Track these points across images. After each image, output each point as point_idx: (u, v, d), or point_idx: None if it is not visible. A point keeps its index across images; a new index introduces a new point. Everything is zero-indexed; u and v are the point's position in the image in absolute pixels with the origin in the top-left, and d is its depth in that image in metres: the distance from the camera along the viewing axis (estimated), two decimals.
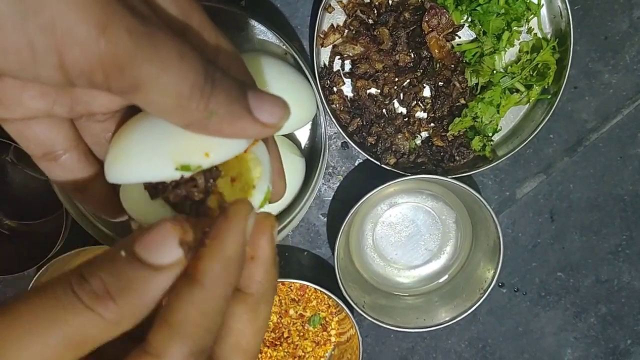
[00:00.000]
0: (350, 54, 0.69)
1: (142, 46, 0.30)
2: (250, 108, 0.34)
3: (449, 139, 0.71)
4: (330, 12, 0.69)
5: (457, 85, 0.68)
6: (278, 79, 0.64)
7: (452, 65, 0.69)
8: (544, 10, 0.69)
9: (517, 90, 0.70)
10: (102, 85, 0.31)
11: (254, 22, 0.64)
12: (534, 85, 0.69)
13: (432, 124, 0.72)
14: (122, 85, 0.31)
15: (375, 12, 0.69)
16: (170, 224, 0.30)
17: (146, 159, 0.36)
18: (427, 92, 0.72)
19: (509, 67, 0.69)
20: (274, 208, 0.70)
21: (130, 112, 0.41)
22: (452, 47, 0.69)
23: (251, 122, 0.34)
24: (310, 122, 0.71)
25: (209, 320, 0.31)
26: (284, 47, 0.62)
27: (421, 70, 0.69)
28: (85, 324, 0.28)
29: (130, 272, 0.29)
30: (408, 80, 0.70)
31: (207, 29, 0.37)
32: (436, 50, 0.68)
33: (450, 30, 0.67)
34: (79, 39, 0.29)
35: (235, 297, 0.33)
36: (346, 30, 0.69)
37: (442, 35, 0.67)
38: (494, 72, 0.68)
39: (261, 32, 0.66)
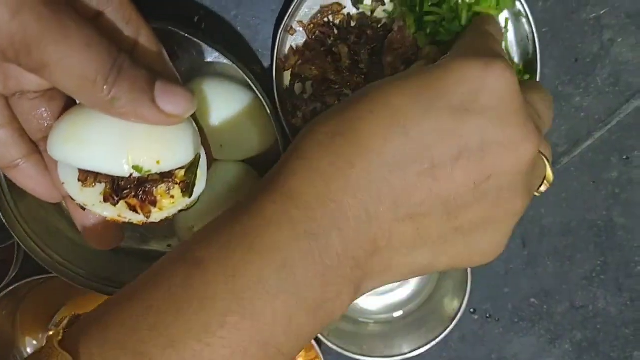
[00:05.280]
0: (309, 76, 0.67)
1: (51, 30, 0.33)
2: (155, 98, 0.37)
3: None
4: (292, 34, 0.68)
5: None
6: (235, 105, 0.63)
7: None
8: (511, 34, 0.68)
9: None
10: (14, 61, 0.35)
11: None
12: None
13: None
14: (31, 62, 0.34)
15: (335, 30, 0.67)
16: None
17: (104, 150, 0.39)
18: None
19: None
20: None
21: (64, 94, 0.44)
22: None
23: (154, 111, 0.38)
24: (272, 146, 0.69)
25: None
26: (240, 72, 0.60)
27: None
28: None
29: None
30: None
31: (128, 13, 0.40)
32: (389, 72, 0.66)
33: (410, 55, 0.66)
34: None
35: None
36: (306, 52, 0.67)
37: (399, 58, 0.65)
38: None
39: (220, 56, 0.65)
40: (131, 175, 0.40)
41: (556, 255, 0.77)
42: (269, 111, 0.60)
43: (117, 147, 0.39)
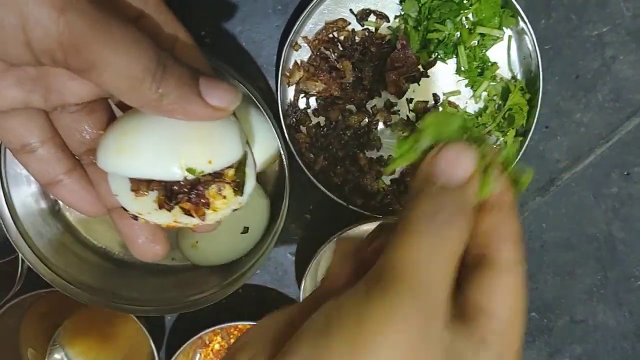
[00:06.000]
0: (313, 91, 0.67)
1: (98, 29, 0.33)
2: (201, 93, 0.37)
3: None
4: (297, 50, 0.68)
5: None
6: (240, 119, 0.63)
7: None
8: (514, 52, 0.68)
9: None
10: (62, 63, 0.34)
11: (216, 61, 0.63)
12: (509, 130, 0.67)
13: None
14: (79, 63, 0.34)
15: (340, 46, 0.68)
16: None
17: (156, 156, 0.39)
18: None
19: (478, 117, 0.68)
20: (245, 246, 0.69)
21: (104, 106, 0.44)
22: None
23: (201, 106, 0.37)
24: (277, 161, 0.70)
25: None
26: (244, 87, 0.61)
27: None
28: None
29: None
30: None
31: (164, 17, 0.40)
32: (392, 89, 0.67)
33: (412, 74, 0.66)
34: (41, 20, 0.32)
35: None
36: (310, 67, 0.68)
37: (402, 76, 0.66)
38: (467, 117, 0.68)
39: (225, 70, 0.65)
40: (185, 178, 0.40)
41: (556, 269, 0.78)
42: (272, 127, 0.61)
43: (168, 151, 0.39)
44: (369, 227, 0.73)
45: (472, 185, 0.30)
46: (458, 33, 0.66)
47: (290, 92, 0.69)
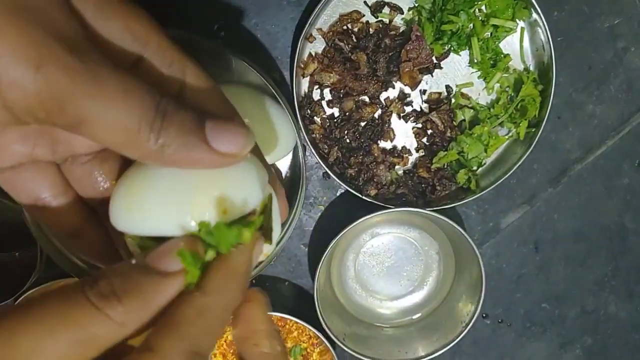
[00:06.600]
0: (328, 83, 0.68)
1: (82, 82, 0.30)
2: (207, 139, 0.33)
3: (432, 171, 0.71)
4: (311, 42, 0.69)
5: (438, 122, 0.67)
6: (256, 111, 0.64)
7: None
8: (526, 43, 0.69)
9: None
10: (46, 121, 0.31)
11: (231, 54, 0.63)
12: (521, 120, 0.68)
13: (416, 155, 0.71)
14: (65, 120, 0.31)
15: (354, 38, 0.68)
16: (181, 239, 0.32)
17: (166, 214, 0.36)
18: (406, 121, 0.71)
19: (491, 108, 0.68)
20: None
21: (116, 154, 0.40)
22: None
23: (208, 153, 0.34)
24: (292, 152, 0.70)
25: (206, 322, 0.31)
26: (261, 78, 0.61)
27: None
28: (92, 323, 0.28)
29: (138, 276, 0.30)
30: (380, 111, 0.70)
31: (170, 54, 0.36)
32: (407, 81, 0.67)
33: (427, 65, 0.67)
34: (16, 79, 0.29)
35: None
36: (325, 59, 0.68)
37: (416, 67, 0.66)
38: (480, 108, 0.69)
39: (240, 62, 0.65)
40: (200, 231, 0.36)
41: (568, 260, 0.78)
42: (290, 117, 0.61)
43: (178, 205, 0.36)
44: (382, 217, 0.74)
45: (172, 279, 0.31)
46: (471, 25, 0.66)
47: (305, 83, 0.70)
